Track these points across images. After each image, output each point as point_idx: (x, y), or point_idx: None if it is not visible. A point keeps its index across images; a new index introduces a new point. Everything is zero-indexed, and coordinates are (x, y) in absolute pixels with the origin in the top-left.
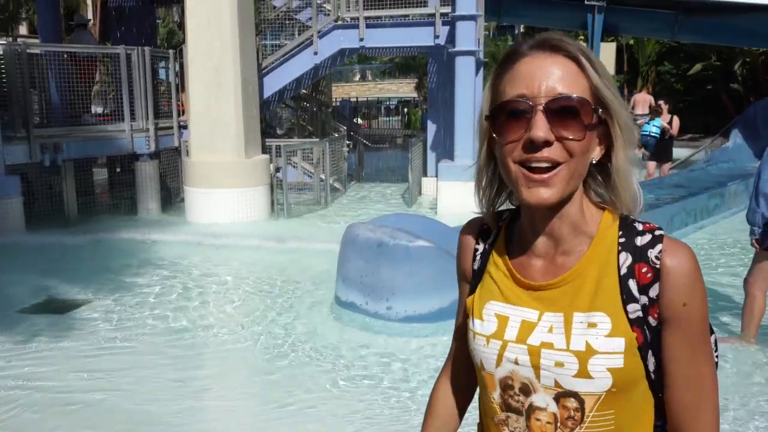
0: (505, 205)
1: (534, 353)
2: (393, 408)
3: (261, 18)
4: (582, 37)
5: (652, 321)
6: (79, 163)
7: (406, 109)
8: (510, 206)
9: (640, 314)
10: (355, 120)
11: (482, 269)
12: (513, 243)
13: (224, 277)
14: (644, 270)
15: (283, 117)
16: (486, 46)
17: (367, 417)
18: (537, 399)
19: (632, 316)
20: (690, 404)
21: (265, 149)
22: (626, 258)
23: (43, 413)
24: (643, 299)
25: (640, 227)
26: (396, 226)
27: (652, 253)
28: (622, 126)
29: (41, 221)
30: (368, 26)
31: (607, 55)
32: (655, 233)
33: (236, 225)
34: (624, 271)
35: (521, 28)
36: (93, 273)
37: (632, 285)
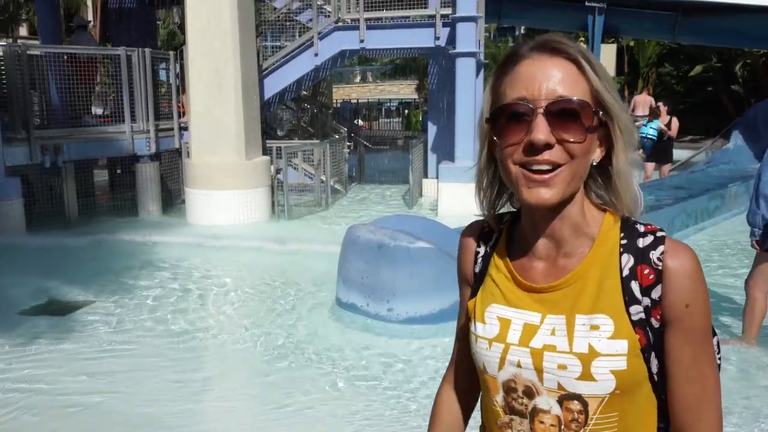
0: (506, 208)
1: (537, 356)
2: (393, 409)
3: (261, 19)
4: (582, 39)
5: (655, 323)
6: (80, 165)
7: (407, 111)
8: (511, 209)
9: (643, 316)
10: (356, 121)
11: (484, 272)
12: (514, 245)
13: (225, 279)
14: (646, 272)
15: (284, 118)
16: (486, 48)
17: (368, 418)
18: (540, 402)
19: (635, 318)
20: (693, 405)
21: (266, 151)
22: (628, 260)
23: (43, 416)
24: (646, 301)
25: (642, 229)
26: (397, 228)
27: (654, 255)
28: (623, 128)
29: (42, 223)
30: (369, 28)
31: (608, 57)
32: (657, 235)
33: (237, 226)
34: (626, 273)
35: (522, 30)
36: (93, 274)
37: (634, 287)
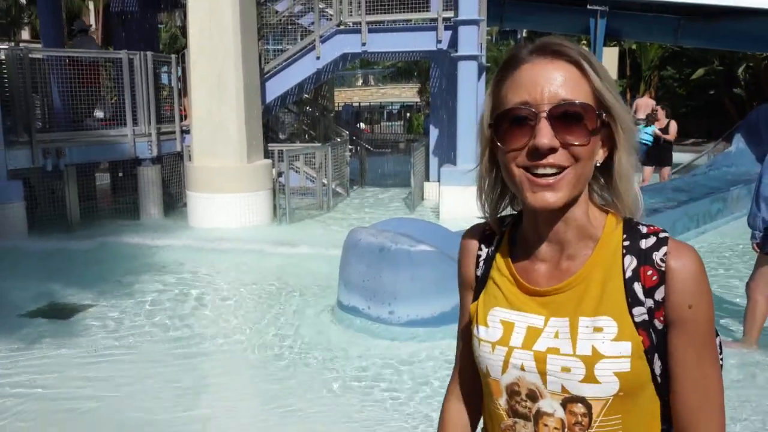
0: (507, 210)
1: (540, 359)
2: (395, 412)
3: (263, 22)
4: (584, 42)
5: (658, 324)
6: (82, 168)
7: (409, 114)
8: (512, 211)
9: (646, 317)
10: (358, 125)
11: (486, 275)
12: (516, 248)
13: (226, 282)
14: (649, 273)
15: (286, 122)
16: (488, 51)
17: (368, 420)
18: (544, 405)
19: (638, 320)
20: (695, 407)
21: (268, 154)
22: (631, 261)
23: (43, 420)
24: (649, 302)
25: (645, 230)
26: (398, 231)
27: (657, 256)
28: (625, 129)
29: (43, 226)
30: (370, 31)
31: (610, 60)
32: (660, 236)
33: (238, 230)
34: (629, 275)
35: (524, 33)
36: (95, 278)
37: (637, 288)
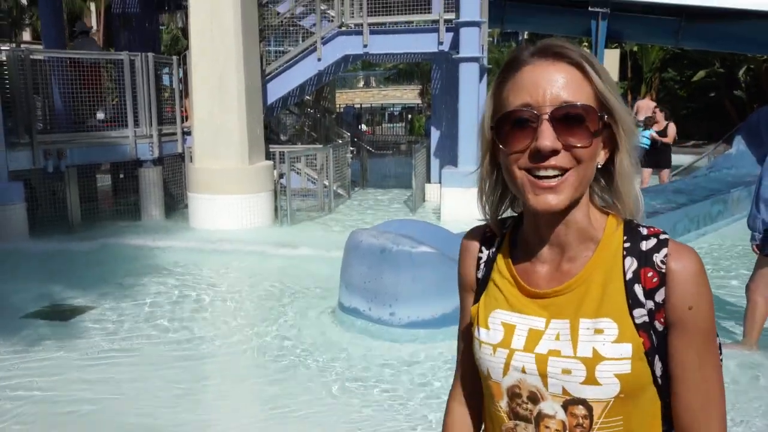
0: (508, 212)
1: (541, 361)
2: (395, 413)
3: (265, 24)
4: (586, 44)
5: (659, 326)
6: (83, 170)
7: (410, 116)
8: (513, 213)
9: (647, 319)
10: (359, 126)
11: (486, 277)
12: (517, 250)
13: (227, 283)
14: (650, 274)
15: (287, 123)
16: (490, 53)
17: (368, 421)
18: (545, 407)
19: (638, 321)
20: (696, 408)
21: (269, 155)
22: (632, 263)
23: (43, 422)
24: (649, 304)
25: (645, 231)
26: (399, 232)
27: (658, 258)
28: (626, 131)
29: (45, 227)
30: (372, 32)
31: (611, 62)
32: (660, 237)
33: (240, 231)
34: (630, 276)
35: (525, 35)
36: (96, 279)
37: (638, 290)
